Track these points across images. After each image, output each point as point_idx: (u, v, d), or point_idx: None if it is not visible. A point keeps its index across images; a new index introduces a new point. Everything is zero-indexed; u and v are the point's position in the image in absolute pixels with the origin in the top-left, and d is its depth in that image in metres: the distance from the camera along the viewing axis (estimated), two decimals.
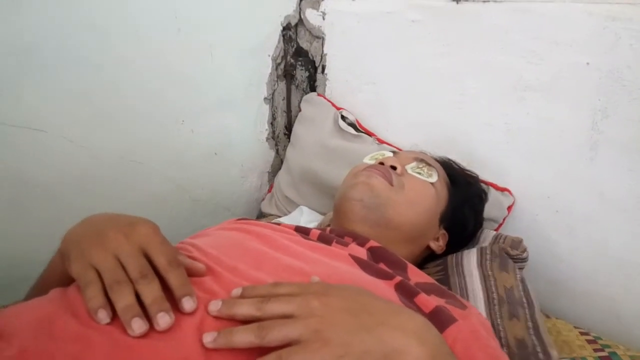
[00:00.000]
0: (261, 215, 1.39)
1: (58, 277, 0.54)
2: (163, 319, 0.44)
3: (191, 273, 0.51)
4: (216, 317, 0.46)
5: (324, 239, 0.71)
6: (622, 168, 0.91)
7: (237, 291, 0.49)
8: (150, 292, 0.45)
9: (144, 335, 0.43)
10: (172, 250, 0.50)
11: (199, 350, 0.43)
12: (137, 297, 0.45)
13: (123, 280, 0.46)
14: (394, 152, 0.97)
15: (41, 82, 0.91)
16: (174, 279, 0.47)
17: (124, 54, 1.00)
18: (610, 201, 0.93)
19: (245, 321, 0.46)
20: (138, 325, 0.43)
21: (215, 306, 0.47)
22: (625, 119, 0.88)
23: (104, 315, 0.44)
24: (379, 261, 0.69)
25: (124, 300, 0.44)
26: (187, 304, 0.46)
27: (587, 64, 0.90)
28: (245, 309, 0.46)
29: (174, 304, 0.46)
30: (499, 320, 0.76)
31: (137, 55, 1.02)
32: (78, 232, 0.53)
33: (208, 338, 0.43)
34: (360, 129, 1.26)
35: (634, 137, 0.88)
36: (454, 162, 0.98)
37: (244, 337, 0.43)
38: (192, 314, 0.46)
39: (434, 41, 1.10)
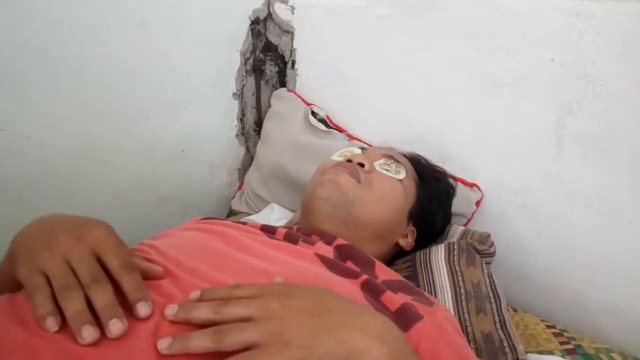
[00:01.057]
0: (232, 213, 1.37)
1: (7, 282, 0.51)
2: (115, 326, 0.42)
3: (148, 276, 0.49)
4: (173, 322, 0.45)
5: (290, 237, 0.70)
6: (587, 163, 0.92)
7: (195, 294, 0.48)
8: (102, 297, 0.43)
9: (95, 343, 0.41)
10: (126, 252, 0.48)
11: (153, 357, 0.41)
12: (89, 303, 0.43)
13: (73, 285, 0.43)
14: (362, 148, 0.96)
15: (0, 79, 0.87)
16: (128, 283, 0.45)
17: (86, 49, 0.97)
18: (576, 195, 0.94)
19: (204, 325, 0.44)
20: (89, 333, 0.41)
21: (171, 310, 0.45)
22: (589, 114, 0.90)
23: (52, 323, 0.41)
24: (346, 259, 0.69)
25: (73, 306, 0.42)
26: (142, 309, 0.44)
27: (552, 59, 0.91)
28: (202, 313, 0.44)
29: (129, 309, 0.44)
30: (466, 315, 0.76)
31: (99, 50, 0.99)
32: (27, 234, 0.50)
33: (163, 344, 0.42)
34: (331, 125, 1.25)
35: (598, 132, 0.90)
36: (422, 157, 0.98)
37: (200, 342, 0.42)
38: (147, 319, 0.44)
39: (403, 36, 1.10)
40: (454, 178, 1.04)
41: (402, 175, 0.85)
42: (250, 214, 1.25)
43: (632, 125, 0.86)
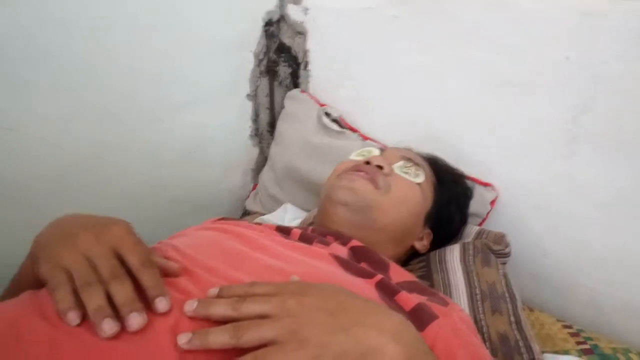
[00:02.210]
0: (246, 213, 1.37)
1: (30, 282, 0.52)
2: (134, 319, 0.43)
3: (166, 273, 0.50)
4: (191, 318, 0.45)
5: (305, 238, 0.70)
6: (601, 162, 0.91)
7: (213, 291, 0.48)
8: (122, 292, 0.44)
9: (115, 337, 0.42)
10: (145, 250, 0.49)
11: (172, 351, 0.42)
12: (110, 299, 0.44)
13: (94, 281, 0.44)
14: (380, 149, 0.96)
15: (8, 79, 0.87)
16: (147, 279, 0.46)
17: (97, 50, 0.97)
18: (590, 195, 0.93)
19: (222, 322, 0.45)
20: (109, 327, 0.42)
21: (190, 306, 0.46)
22: (603, 113, 0.89)
23: (73, 317, 0.43)
24: (360, 260, 0.69)
25: (94, 301, 0.43)
26: (161, 304, 0.45)
27: (567, 58, 0.90)
28: (221, 309, 0.45)
29: (148, 305, 0.45)
30: (481, 315, 0.76)
31: (110, 51, 0.99)
32: (48, 234, 0.51)
33: (183, 339, 0.42)
34: (344, 126, 1.25)
35: (612, 132, 0.88)
36: (440, 159, 0.97)
37: (219, 337, 0.42)
38: (166, 314, 0.45)
39: (414, 37, 1.10)
40: (468, 177, 1.04)
41: (421, 178, 0.84)
42: (264, 214, 1.25)
43: None
